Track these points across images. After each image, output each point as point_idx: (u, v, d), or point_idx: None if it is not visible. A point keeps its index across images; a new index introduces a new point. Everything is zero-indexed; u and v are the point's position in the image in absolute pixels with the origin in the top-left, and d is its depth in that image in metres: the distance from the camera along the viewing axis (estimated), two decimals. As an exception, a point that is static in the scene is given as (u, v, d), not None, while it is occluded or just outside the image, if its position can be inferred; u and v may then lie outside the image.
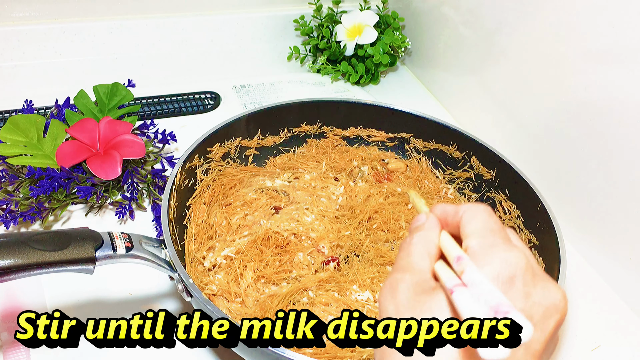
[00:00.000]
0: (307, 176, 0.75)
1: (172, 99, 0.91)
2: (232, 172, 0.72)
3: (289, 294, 0.59)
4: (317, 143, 0.78)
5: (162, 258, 0.52)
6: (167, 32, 0.94)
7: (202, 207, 0.66)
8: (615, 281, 0.70)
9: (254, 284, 0.60)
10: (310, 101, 0.77)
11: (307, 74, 1.03)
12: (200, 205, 0.66)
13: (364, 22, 1.00)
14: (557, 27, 0.72)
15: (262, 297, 0.59)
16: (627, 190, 0.66)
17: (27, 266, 0.44)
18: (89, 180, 0.69)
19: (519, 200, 0.69)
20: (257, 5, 1.00)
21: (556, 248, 0.59)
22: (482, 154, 0.73)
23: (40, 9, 0.86)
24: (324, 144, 0.78)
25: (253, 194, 0.71)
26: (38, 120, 0.72)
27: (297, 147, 0.78)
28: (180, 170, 0.62)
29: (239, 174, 0.72)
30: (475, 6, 0.88)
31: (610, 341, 0.64)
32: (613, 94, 0.66)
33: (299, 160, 0.76)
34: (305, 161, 0.77)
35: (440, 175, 0.77)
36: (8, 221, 0.64)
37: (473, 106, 0.93)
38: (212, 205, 0.68)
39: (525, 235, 0.66)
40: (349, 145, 0.79)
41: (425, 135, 0.77)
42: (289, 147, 0.77)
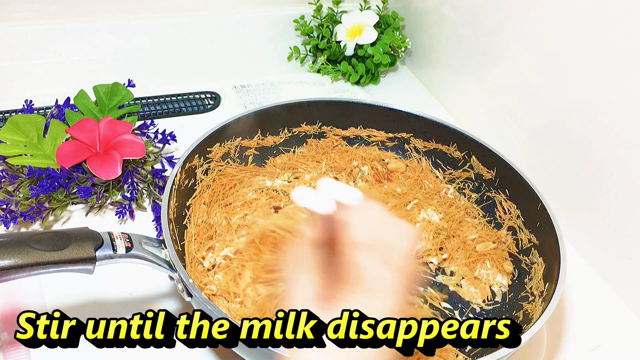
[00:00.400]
0: (307, 176, 0.75)
1: (172, 99, 0.91)
2: (232, 172, 0.72)
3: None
4: (317, 143, 0.78)
5: (162, 258, 0.52)
6: (167, 32, 0.94)
7: (202, 207, 0.66)
8: (615, 281, 0.70)
9: (253, 285, 0.60)
10: (310, 101, 0.77)
11: (307, 74, 1.03)
12: (200, 205, 0.66)
13: (364, 22, 1.00)
14: (557, 27, 0.72)
15: (258, 299, 0.59)
16: (627, 190, 0.66)
17: (27, 266, 0.44)
18: (89, 180, 0.69)
19: (519, 200, 0.69)
20: (257, 5, 1.00)
21: (556, 248, 0.59)
22: (482, 154, 0.73)
23: (40, 9, 0.86)
24: (324, 144, 0.78)
25: (253, 193, 0.71)
26: (38, 120, 0.72)
27: (297, 147, 0.78)
28: (180, 170, 0.62)
29: (239, 174, 0.72)
30: (475, 6, 0.88)
31: (610, 341, 0.64)
32: (613, 93, 0.66)
33: (299, 160, 0.76)
34: (305, 161, 0.77)
35: (440, 175, 0.77)
36: (8, 221, 0.64)
37: (473, 106, 0.93)
38: (212, 205, 0.68)
39: (526, 235, 0.66)
40: (349, 145, 0.79)
41: (425, 135, 0.77)
42: (289, 147, 0.77)
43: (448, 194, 0.75)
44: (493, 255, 0.67)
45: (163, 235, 0.54)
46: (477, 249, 0.68)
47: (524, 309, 0.60)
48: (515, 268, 0.67)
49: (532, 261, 0.64)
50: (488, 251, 0.68)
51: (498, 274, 0.66)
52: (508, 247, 0.68)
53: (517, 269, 0.66)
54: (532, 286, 0.62)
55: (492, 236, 0.70)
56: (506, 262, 0.67)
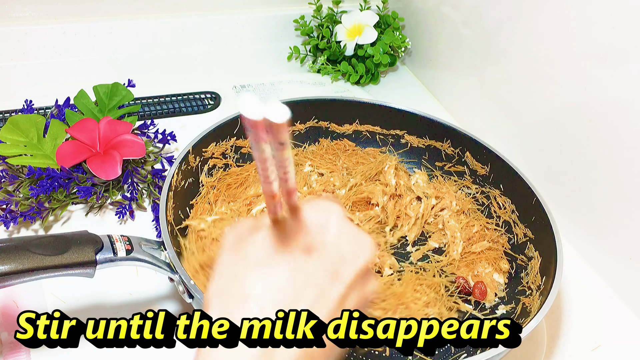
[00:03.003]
0: (307, 168, 0.75)
1: (172, 99, 0.91)
2: (237, 171, 0.72)
3: None
4: (329, 144, 0.79)
5: (162, 260, 0.52)
6: (167, 32, 0.94)
7: (205, 207, 0.66)
8: (615, 281, 0.70)
9: None
10: (305, 100, 0.78)
11: (307, 74, 1.03)
12: (204, 205, 0.66)
13: (364, 22, 1.00)
14: (557, 27, 0.72)
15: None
16: (627, 190, 0.66)
17: (27, 271, 0.43)
18: (89, 180, 0.69)
19: (513, 195, 0.69)
20: (257, 5, 1.00)
21: (552, 242, 0.59)
22: (475, 150, 0.73)
23: (40, 9, 0.86)
24: (335, 146, 0.79)
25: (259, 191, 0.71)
26: (38, 120, 0.72)
27: (308, 145, 0.79)
28: (176, 171, 0.62)
29: (243, 173, 0.72)
30: (475, 6, 0.88)
31: (610, 341, 0.64)
32: (612, 93, 0.66)
33: (308, 157, 0.76)
34: (314, 157, 0.77)
35: (454, 185, 0.76)
36: (8, 221, 0.64)
37: (473, 106, 0.93)
38: (217, 204, 0.68)
39: (521, 230, 0.67)
40: (359, 147, 0.80)
41: (419, 131, 0.77)
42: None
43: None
44: (489, 255, 0.67)
45: (162, 237, 0.54)
46: (473, 249, 0.68)
47: (522, 302, 0.60)
48: (511, 263, 0.67)
49: (529, 255, 0.64)
50: (483, 251, 0.68)
51: (495, 273, 0.66)
52: (503, 245, 0.68)
53: (514, 263, 0.67)
54: (529, 280, 0.62)
55: (487, 236, 0.70)
56: (502, 261, 0.67)
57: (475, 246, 0.68)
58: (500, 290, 0.65)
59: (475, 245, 0.68)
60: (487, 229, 0.70)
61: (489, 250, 0.68)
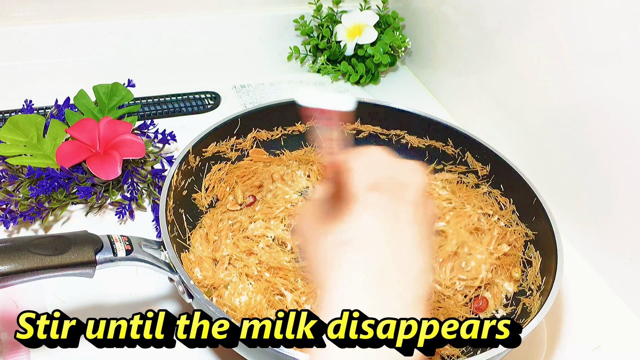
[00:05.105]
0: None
1: (172, 99, 0.91)
2: (245, 164, 0.72)
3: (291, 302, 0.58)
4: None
5: (161, 260, 0.52)
6: (167, 32, 0.94)
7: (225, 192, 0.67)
8: (615, 281, 0.70)
9: None
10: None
11: (307, 74, 1.03)
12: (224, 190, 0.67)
13: (364, 22, 1.00)
14: (557, 27, 0.72)
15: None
16: (627, 190, 0.66)
17: (27, 271, 0.43)
18: (89, 180, 0.69)
19: (514, 195, 0.69)
20: (257, 5, 1.00)
21: (552, 241, 0.59)
22: (476, 150, 0.73)
23: (40, 9, 0.86)
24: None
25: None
26: (38, 120, 0.72)
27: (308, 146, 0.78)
28: (176, 171, 0.62)
29: (252, 166, 0.72)
30: (475, 6, 0.88)
31: (610, 341, 0.64)
32: (613, 93, 0.66)
33: (310, 158, 0.76)
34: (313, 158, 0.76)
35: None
36: (8, 221, 0.64)
37: (473, 106, 0.93)
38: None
39: (522, 229, 0.67)
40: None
41: (419, 131, 0.77)
42: (277, 148, 0.77)
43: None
44: (504, 260, 0.65)
45: (162, 237, 0.54)
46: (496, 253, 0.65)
47: (522, 302, 0.60)
48: (522, 274, 0.65)
49: (529, 256, 0.64)
50: (499, 257, 0.64)
51: (506, 282, 0.64)
52: (520, 249, 0.65)
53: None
54: (530, 280, 0.62)
55: (505, 239, 0.67)
56: (515, 269, 0.64)
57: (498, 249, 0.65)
58: (502, 305, 0.63)
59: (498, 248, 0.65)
60: (506, 232, 0.67)
61: (505, 256, 0.65)
